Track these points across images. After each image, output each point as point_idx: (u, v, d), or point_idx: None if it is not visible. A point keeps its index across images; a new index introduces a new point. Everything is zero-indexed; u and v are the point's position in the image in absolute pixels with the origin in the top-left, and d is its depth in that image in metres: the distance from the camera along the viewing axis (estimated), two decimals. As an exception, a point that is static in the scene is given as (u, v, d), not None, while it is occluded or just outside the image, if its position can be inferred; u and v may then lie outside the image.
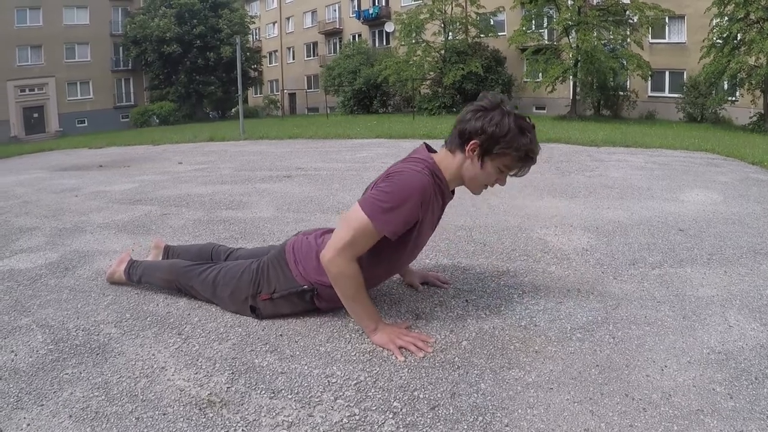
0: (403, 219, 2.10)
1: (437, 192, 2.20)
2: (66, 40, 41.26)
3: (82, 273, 3.26)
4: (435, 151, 2.33)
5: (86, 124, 40.97)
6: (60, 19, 40.98)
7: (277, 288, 2.38)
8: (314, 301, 2.38)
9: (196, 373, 1.99)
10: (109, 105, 43.66)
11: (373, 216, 2.08)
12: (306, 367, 2.01)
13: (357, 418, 1.73)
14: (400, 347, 2.11)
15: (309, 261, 2.37)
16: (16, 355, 2.21)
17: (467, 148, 2.16)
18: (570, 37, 26.49)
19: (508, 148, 2.10)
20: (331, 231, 2.46)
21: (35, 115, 40.11)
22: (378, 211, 2.08)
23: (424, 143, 2.39)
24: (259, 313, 2.44)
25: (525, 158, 2.15)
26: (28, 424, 1.73)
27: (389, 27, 37.63)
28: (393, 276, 2.77)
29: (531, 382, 1.88)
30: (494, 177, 2.20)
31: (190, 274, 2.65)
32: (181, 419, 1.73)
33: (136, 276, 2.84)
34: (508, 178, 2.25)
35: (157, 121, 40.01)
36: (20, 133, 38.14)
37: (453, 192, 2.38)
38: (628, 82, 28.36)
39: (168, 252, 3.08)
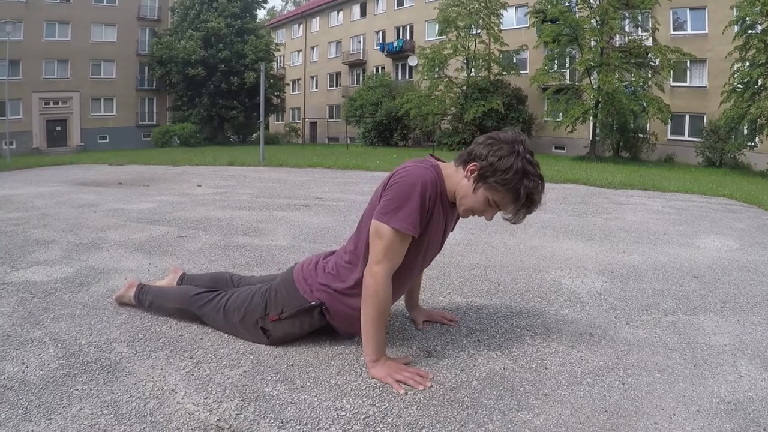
0: (417, 209, 2.13)
1: (438, 191, 2.22)
2: (92, 56, 41.91)
3: (97, 290, 3.29)
4: (442, 161, 2.36)
5: (108, 140, 41.45)
6: (88, 35, 41.63)
7: (285, 308, 2.40)
8: (324, 316, 2.39)
9: (206, 398, 1.99)
10: (132, 123, 44.17)
11: (391, 220, 2.12)
12: (316, 399, 2.01)
13: (363, 452, 1.73)
14: (399, 381, 2.11)
15: (315, 276, 2.42)
16: (27, 367, 2.22)
17: (468, 168, 2.19)
18: (591, 77, 26.62)
19: (503, 184, 2.11)
20: (333, 253, 2.53)
21: (58, 128, 40.62)
22: (393, 214, 2.12)
23: (430, 155, 2.42)
24: (269, 335, 2.44)
25: (517, 201, 2.14)
26: (36, 438, 1.74)
27: (412, 61, 38.08)
28: (401, 299, 2.79)
29: (539, 425, 1.86)
30: (482, 206, 2.20)
31: (201, 302, 2.67)
32: (189, 443, 1.73)
33: (146, 302, 2.85)
34: (503, 219, 2.26)
35: (178, 141, 40.37)
36: (42, 145, 38.66)
37: (454, 205, 2.35)
38: (648, 124, 28.35)
39: (183, 279, 3.11)
